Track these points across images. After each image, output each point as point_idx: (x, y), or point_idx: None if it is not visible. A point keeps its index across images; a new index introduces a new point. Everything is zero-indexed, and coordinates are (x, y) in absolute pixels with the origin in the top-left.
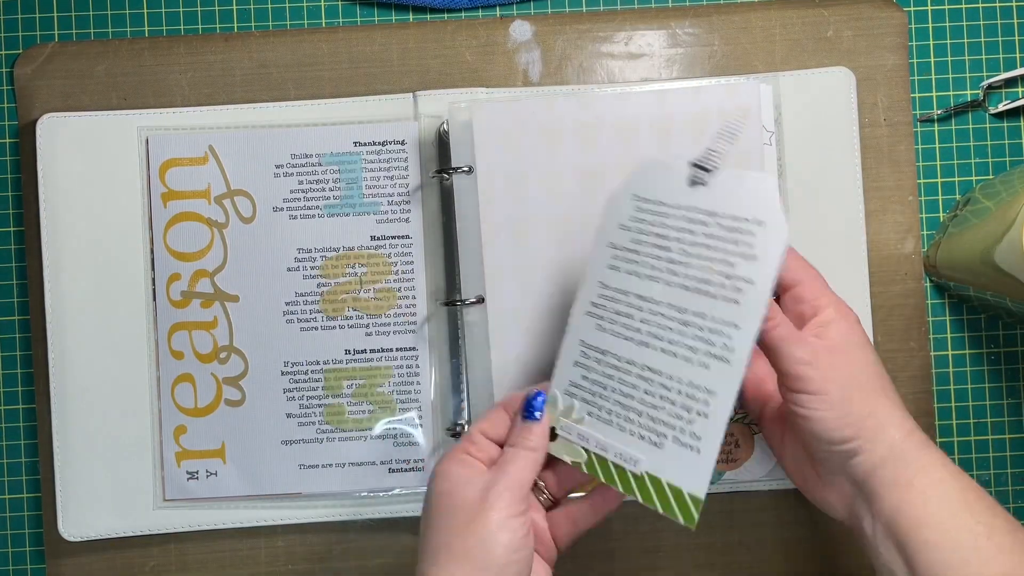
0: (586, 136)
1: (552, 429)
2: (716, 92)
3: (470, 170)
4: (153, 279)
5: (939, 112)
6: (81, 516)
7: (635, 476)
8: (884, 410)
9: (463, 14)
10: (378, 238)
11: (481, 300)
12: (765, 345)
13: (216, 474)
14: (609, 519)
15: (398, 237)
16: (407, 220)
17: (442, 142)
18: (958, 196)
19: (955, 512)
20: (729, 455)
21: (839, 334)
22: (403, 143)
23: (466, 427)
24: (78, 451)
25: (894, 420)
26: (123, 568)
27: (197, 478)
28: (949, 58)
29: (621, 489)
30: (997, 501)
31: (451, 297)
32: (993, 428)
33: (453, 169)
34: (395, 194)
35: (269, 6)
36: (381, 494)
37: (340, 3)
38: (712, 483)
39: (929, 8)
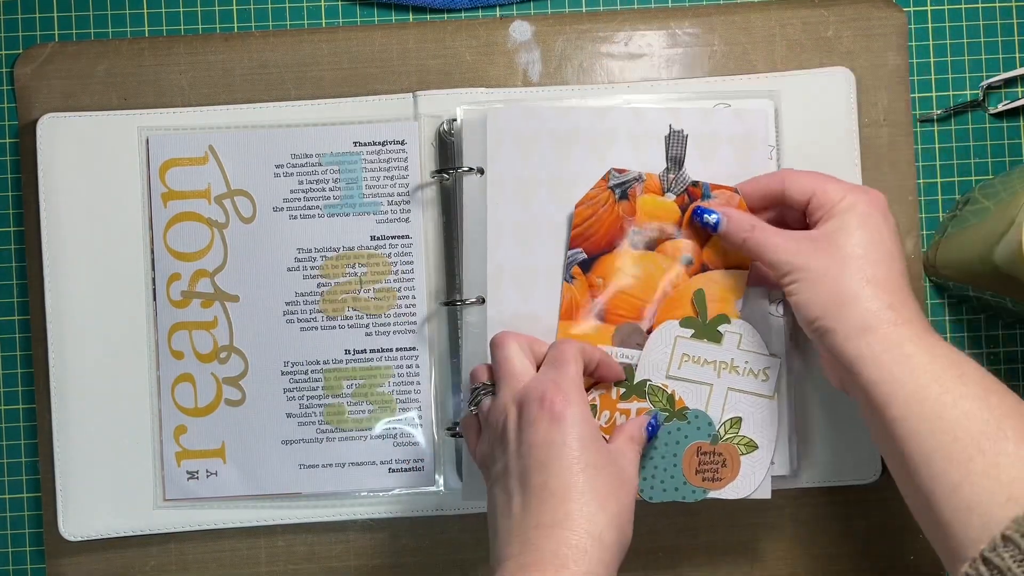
0: (598, 146)
1: None
2: (726, 115)
3: (481, 172)
4: (153, 279)
5: (939, 112)
6: (81, 516)
7: None
8: (854, 290)
9: (463, 14)
10: (378, 238)
11: (482, 301)
12: (748, 252)
13: (216, 474)
14: None
15: (398, 237)
16: (407, 220)
17: (442, 142)
18: (957, 196)
19: (921, 384)
20: (715, 475)
21: (833, 224)
22: (403, 143)
23: None
24: (78, 450)
25: (868, 299)
26: (123, 568)
27: (197, 478)
28: (949, 58)
29: None
30: (986, 371)
31: (451, 297)
32: None
33: (467, 169)
34: (395, 194)
35: (269, 6)
36: (381, 494)
37: (340, 3)
38: (696, 500)
39: (929, 8)
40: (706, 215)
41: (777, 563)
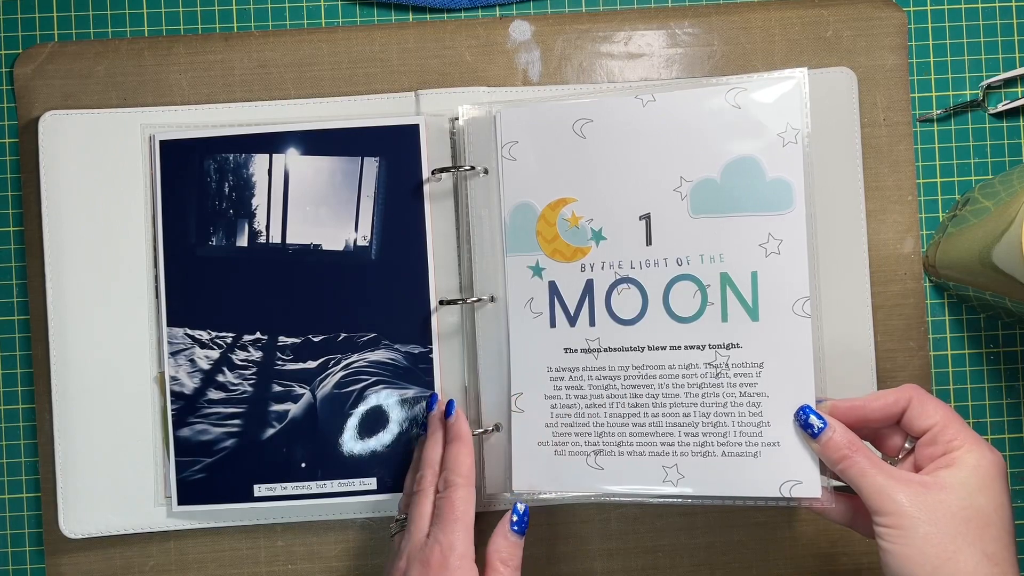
0: (610, 141)
1: None
2: (744, 99)
3: (486, 171)
4: (156, 277)
5: (939, 112)
6: (82, 513)
7: None
8: (968, 565)
9: (463, 14)
10: None
11: (492, 299)
12: (842, 474)
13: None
14: (609, 519)
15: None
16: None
17: (449, 140)
18: (957, 196)
19: None
20: None
21: (952, 474)
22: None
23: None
24: (79, 449)
25: (971, 571)
26: (123, 567)
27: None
28: (949, 58)
29: None
30: None
31: (458, 295)
32: (993, 428)
33: (469, 168)
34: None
35: (269, 6)
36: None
37: (340, 3)
38: None
39: (929, 8)
40: (811, 417)
41: (777, 563)
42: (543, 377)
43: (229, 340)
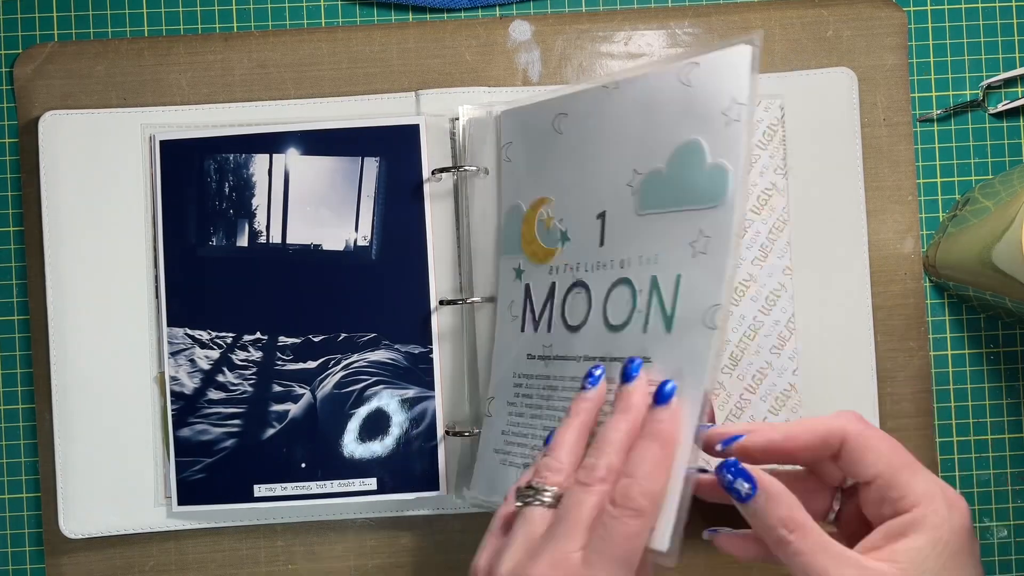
0: (578, 135)
1: None
2: (695, 75)
3: (486, 172)
4: (156, 277)
5: (939, 112)
6: (82, 513)
7: None
8: None
9: (463, 14)
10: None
11: (491, 300)
12: (775, 551)
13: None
14: None
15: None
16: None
17: (449, 140)
18: (957, 196)
19: None
20: None
21: (907, 552)
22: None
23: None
24: (79, 449)
25: None
26: (123, 567)
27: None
28: (949, 58)
29: None
30: None
31: (458, 295)
32: (993, 428)
33: (467, 168)
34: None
35: (269, 6)
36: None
37: (340, 3)
38: None
39: (929, 8)
40: (738, 479)
41: (777, 563)
42: (510, 383)
43: (229, 340)
